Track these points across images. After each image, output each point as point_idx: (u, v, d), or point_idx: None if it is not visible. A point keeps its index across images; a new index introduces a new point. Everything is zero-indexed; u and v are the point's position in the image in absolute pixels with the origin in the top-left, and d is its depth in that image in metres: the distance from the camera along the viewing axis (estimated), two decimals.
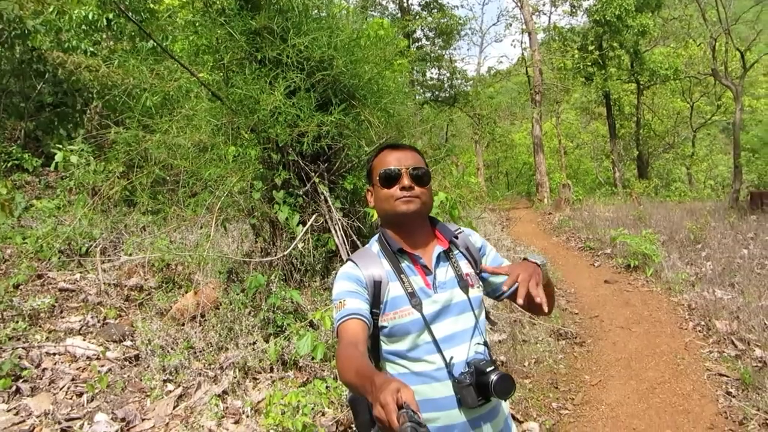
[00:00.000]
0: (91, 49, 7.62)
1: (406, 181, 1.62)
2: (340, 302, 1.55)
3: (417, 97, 21.75)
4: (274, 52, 4.39)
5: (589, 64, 19.82)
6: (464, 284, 1.64)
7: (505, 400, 1.61)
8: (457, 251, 1.72)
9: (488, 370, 1.49)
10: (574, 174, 31.37)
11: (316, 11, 5.04)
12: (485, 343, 1.65)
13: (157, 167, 4.88)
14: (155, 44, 5.75)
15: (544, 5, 30.03)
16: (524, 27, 22.52)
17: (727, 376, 4.51)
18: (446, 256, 1.69)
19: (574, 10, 22.56)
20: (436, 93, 25.22)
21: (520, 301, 1.45)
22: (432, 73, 25.88)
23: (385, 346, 1.61)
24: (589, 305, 6.80)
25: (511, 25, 30.69)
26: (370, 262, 1.63)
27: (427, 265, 1.65)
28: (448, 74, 25.29)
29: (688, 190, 24.12)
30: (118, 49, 7.20)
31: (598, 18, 18.49)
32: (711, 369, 4.69)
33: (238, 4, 4.52)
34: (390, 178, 1.63)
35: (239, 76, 4.49)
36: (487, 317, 1.79)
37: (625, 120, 25.31)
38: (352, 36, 4.75)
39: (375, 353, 1.64)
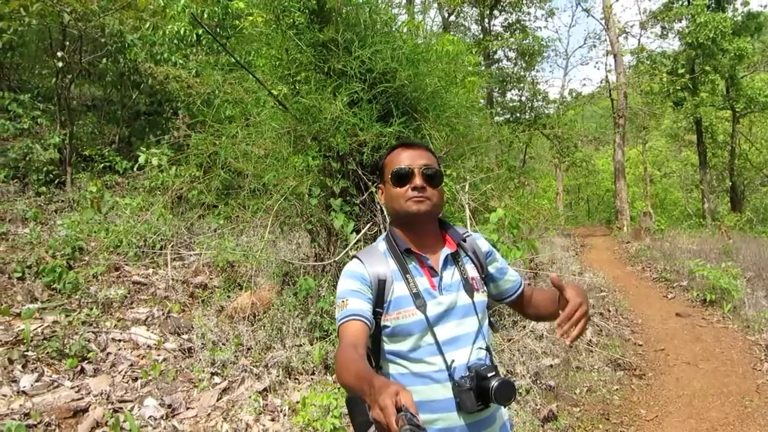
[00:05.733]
0: (181, 61, 8.19)
1: (418, 180, 1.60)
2: (343, 302, 1.54)
3: (496, 118, 21.47)
4: (339, 64, 4.52)
5: (679, 88, 18.75)
6: (469, 288, 1.62)
7: (505, 407, 1.58)
8: (465, 255, 1.70)
9: (489, 375, 1.47)
10: (660, 203, 29.72)
11: (384, 26, 5.15)
12: (487, 348, 1.62)
13: (225, 171, 5.13)
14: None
15: (632, 27, 28.96)
16: (610, 49, 21.80)
17: None
18: (453, 258, 1.67)
19: (664, 32, 21.53)
20: (516, 114, 24.80)
21: (559, 333, 1.46)
22: (512, 94, 25.53)
23: (387, 346, 1.59)
24: (656, 338, 6.39)
25: (595, 46, 29.70)
26: (376, 261, 1.62)
27: (434, 266, 1.63)
28: (529, 95, 24.84)
29: None
30: (203, 62, 7.70)
31: (690, 41, 17.53)
32: None
33: (308, 18, 4.71)
34: (402, 177, 1.61)
35: (305, 86, 4.66)
36: (490, 323, 1.74)
37: (718, 149, 23.63)
38: (416, 50, 4.80)
39: (376, 353, 1.62)
